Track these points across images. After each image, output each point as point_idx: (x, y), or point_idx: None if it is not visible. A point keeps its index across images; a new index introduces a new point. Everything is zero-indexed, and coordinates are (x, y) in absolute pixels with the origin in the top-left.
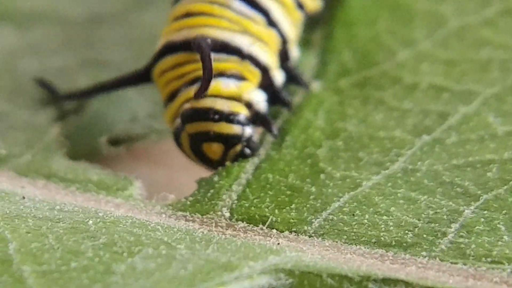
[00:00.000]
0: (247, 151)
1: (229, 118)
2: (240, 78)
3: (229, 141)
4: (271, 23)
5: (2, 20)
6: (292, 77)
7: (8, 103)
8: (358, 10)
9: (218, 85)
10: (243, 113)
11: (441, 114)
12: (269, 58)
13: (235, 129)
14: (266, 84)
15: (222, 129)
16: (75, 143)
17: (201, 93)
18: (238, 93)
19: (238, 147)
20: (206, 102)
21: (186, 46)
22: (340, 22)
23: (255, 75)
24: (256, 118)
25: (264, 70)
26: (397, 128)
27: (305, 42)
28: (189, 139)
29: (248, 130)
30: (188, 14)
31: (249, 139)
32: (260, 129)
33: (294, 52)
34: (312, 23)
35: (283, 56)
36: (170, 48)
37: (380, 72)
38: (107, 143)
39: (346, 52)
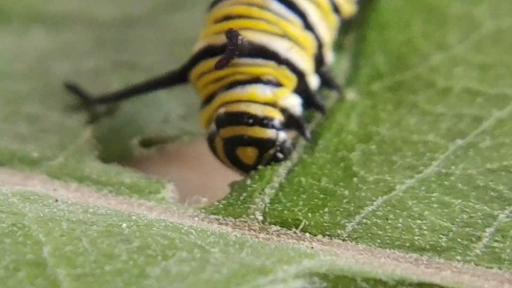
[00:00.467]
0: (280, 155)
1: (263, 122)
2: (276, 84)
3: (263, 145)
4: (308, 26)
5: (35, 22)
6: (326, 81)
7: (41, 106)
8: (391, 13)
9: (255, 91)
10: (277, 117)
11: (475, 118)
12: (306, 63)
13: (269, 133)
14: (301, 88)
15: (256, 133)
16: (107, 145)
17: (222, 65)
18: (274, 99)
19: (272, 151)
20: (240, 107)
21: (225, 49)
22: (373, 25)
23: (291, 80)
24: (290, 122)
25: (300, 76)
26: (430, 132)
27: (337, 46)
28: (223, 143)
29: (282, 135)
30: (227, 17)
31: (282, 144)
32: (293, 133)
33: (329, 56)
34: (344, 26)
35: (318, 60)
36: (209, 51)
37: (413, 76)
38: (139, 145)
39: (379, 56)
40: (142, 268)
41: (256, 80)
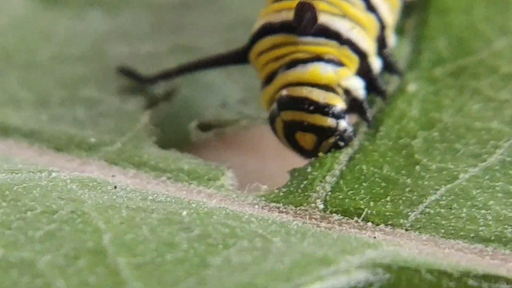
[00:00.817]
0: (341, 143)
1: (324, 110)
2: (339, 63)
3: (322, 132)
4: (370, 7)
5: (91, 5)
6: (387, 65)
7: (98, 90)
8: None
9: (316, 70)
10: (339, 105)
11: None
12: (368, 44)
13: (329, 121)
14: (363, 71)
15: (316, 121)
16: (164, 131)
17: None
18: (336, 79)
19: (332, 139)
20: (303, 91)
21: (285, 27)
22: (434, 9)
23: (353, 61)
24: (353, 106)
25: (363, 56)
26: (494, 119)
27: (399, 29)
28: (283, 125)
29: (343, 123)
30: None
31: (343, 132)
32: (354, 119)
33: (391, 39)
34: (405, 10)
35: (381, 43)
36: (268, 29)
37: (476, 61)
38: (197, 129)
39: (441, 40)
40: (203, 257)
41: (318, 58)
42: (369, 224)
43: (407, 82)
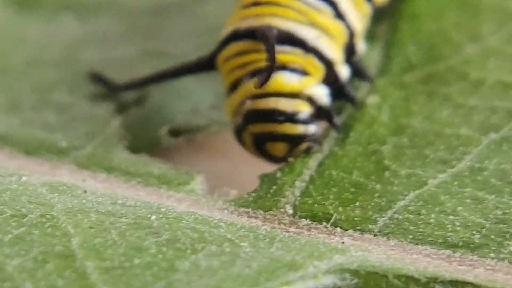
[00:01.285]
0: (313, 147)
1: (293, 118)
2: (303, 72)
3: (294, 140)
4: (339, 15)
5: (64, 9)
6: (357, 71)
7: (70, 94)
8: (424, 3)
9: (280, 79)
10: (306, 110)
11: (509, 111)
12: (334, 52)
13: (299, 129)
14: (331, 79)
15: (286, 130)
16: (135, 135)
17: (263, 84)
18: (300, 88)
19: (304, 145)
20: (269, 103)
21: (250, 34)
22: (405, 15)
23: (318, 70)
24: (320, 113)
25: (329, 65)
26: (463, 125)
27: (369, 35)
28: (253, 138)
29: (312, 128)
30: (256, 3)
31: (313, 135)
32: (324, 123)
33: (361, 46)
34: (376, 15)
35: (350, 50)
36: (235, 36)
37: (446, 67)
38: (168, 134)
39: (411, 46)
40: (171, 262)
41: (282, 67)
42: (338, 229)
43: (375, 89)
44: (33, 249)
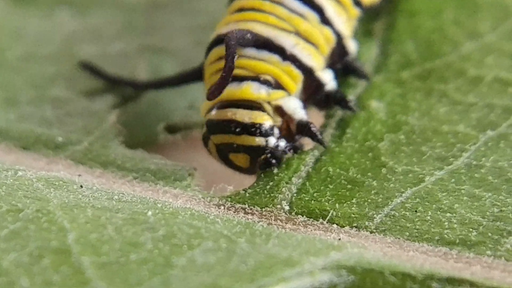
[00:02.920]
0: (272, 160)
1: (250, 130)
2: (274, 85)
3: (253, 151)
4: (325, 20)
5: (61, 4)
6: (353, 70)
7: (66, 89)
8: (422, 0)
9: (248, 88)
10: (266, 123)
11: (507, 108)
12: (314, 60)
13: (257, 140)
14: (313, 86)
15: (244, 141)
16: (132, 131)
17: (212, 95)
18: (267, 99)
19: (263, 157)
20: (227, 114)
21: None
22: (403, 12)
23: (295, 78)
24: (300, 129)
25: (308, 72)
26: (461, 123)
27: (366, 32)
28: (216, 148)
29: (272, 140)
30: (241, 9)
31: (274, 149)
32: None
33: (352, 46)
34: (374, 12)
35: (341, 52)
36: (218, 42)
37: (443, 64)
38: (164, 130)
39: (409, 43)
40: (167, 258)
41: (254, 78)
42: (334, 226)
43: (375, 85)
44: (29, 244)
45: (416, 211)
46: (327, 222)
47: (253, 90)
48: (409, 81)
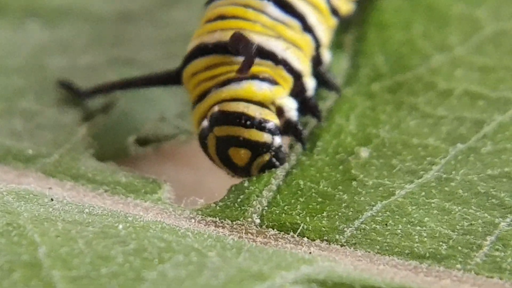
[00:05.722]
0: (275, 161)
1: (260, 125)
2: (273, 82)
3: (257, 148)
4: (307, 28)
5: (30, 16)
6: (324, 82)
7: (36, 102)
8: (392, 12)
9: (251, 87)
10: (274, 121)
11: (476, 122)
12: (303, 64)
13: (265, 137)
14: (298, 91)
15: (252, 136)
16: (102, 143)
17: (245, 69)
18: (271, 96)
19: (266, 157)
20: (239, 106)
21: (219, 48)
22: (373, 25)
23: (287, 81)
24: (287, 127)
25: (297, 77)
26: (430, 136)
27: (337, 44)
28: (216, 141)
29: (278, 140)
30: (222, 17)
31: (278, 149)
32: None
33: (327, 56)
34: (344, 24)
35: (316, 61)
36: (202, 50)
37: (413, 77)
38: (135, 143)
39: (379, 56)
40: (138, 272)
41: (252, 77)
42: (305, 239)
43: (345, 98)
44: None
45: (386, 224)
46: (297, 236)
47: (256, 89)
48: (380, 94)
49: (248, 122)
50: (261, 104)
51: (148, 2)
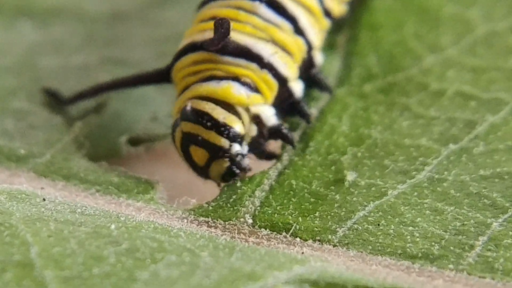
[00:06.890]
0: (236, 170)
1: (220, 129)
2: (254, 88)
3: (214, 151)
4: (298, 31)
5: (23, 16)
6: (316, 82)
7: (28, 102)
8: (384, 13)
9: (230, 88)
10: (236, 128)
11: (468, 122)
12: (289, 70)
13: (222, 141)
14: (284, 95)
15: (210, 138)
16: (94, 143)
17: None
18: (247, 102)
19: (224, 163)
20: (205, 106)
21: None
22: (365, 25)
23: (271, 86)
24: (273, 133)
25: (283, 82)
26: (423, 136)
27: (329, 45)
28: (181, 136)
29: (237, 147)
30: (214, 18)
31: (236, 156)
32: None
33: (319, 58)
34: (336, 25)
35: (308, 63)
36: (191, 48)
37: (406, 78)
38: (127, 143)
39: (371, 56)
40: (130, 272)
41: (234, 78)
42: (298, 239)
43: (337, 98)
44: None
45: (378, 224)
46: (290, 236)
47: (234, 91)
48: (372, 95)
49: (209, 124)
50: (232, 108)
51: (141, 2)
